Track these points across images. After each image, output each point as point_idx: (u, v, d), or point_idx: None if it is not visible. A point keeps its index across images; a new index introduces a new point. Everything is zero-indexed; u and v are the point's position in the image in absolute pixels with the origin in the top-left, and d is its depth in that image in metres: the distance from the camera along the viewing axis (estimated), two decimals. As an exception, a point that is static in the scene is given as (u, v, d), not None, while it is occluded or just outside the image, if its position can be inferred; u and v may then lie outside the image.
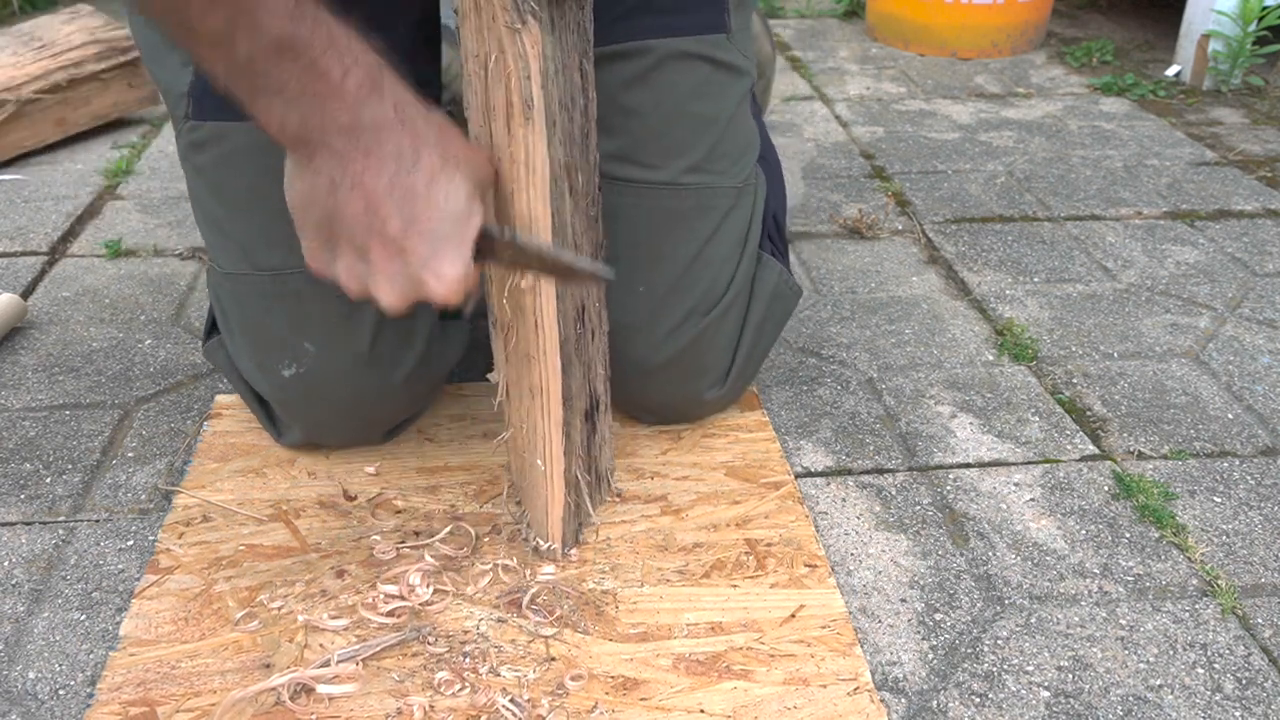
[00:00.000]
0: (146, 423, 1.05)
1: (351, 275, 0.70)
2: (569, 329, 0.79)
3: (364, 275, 0.69)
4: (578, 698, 0.74)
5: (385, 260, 0.68)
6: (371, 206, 0.66)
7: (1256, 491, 0.97)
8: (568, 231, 0.76)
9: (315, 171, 0.67)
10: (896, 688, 0.77)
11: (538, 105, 0.69)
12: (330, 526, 0.90)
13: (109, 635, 0.80)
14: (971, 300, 1.31)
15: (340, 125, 0.65)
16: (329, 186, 0.66)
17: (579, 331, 0.81)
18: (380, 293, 0.69)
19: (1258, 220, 1.52)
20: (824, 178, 1.66)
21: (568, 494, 0.84)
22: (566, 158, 0.74)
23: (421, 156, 0.66)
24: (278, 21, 0.61)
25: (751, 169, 0.98)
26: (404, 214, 0.66)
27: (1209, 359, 1.18)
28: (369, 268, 0.69)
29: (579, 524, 0.88)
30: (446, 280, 0.68)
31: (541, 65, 0.68)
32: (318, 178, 0.67)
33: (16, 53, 1.69)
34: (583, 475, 0.86)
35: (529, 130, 0.69)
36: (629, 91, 0.90)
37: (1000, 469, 1.00)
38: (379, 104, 0.65)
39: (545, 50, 0.68)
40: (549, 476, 0.83)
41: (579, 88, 0.75)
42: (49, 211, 1.50)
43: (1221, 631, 0.82)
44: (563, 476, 0.83)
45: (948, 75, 2.16)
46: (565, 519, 0.85)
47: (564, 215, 0.75)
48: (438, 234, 0.67)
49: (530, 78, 0.68)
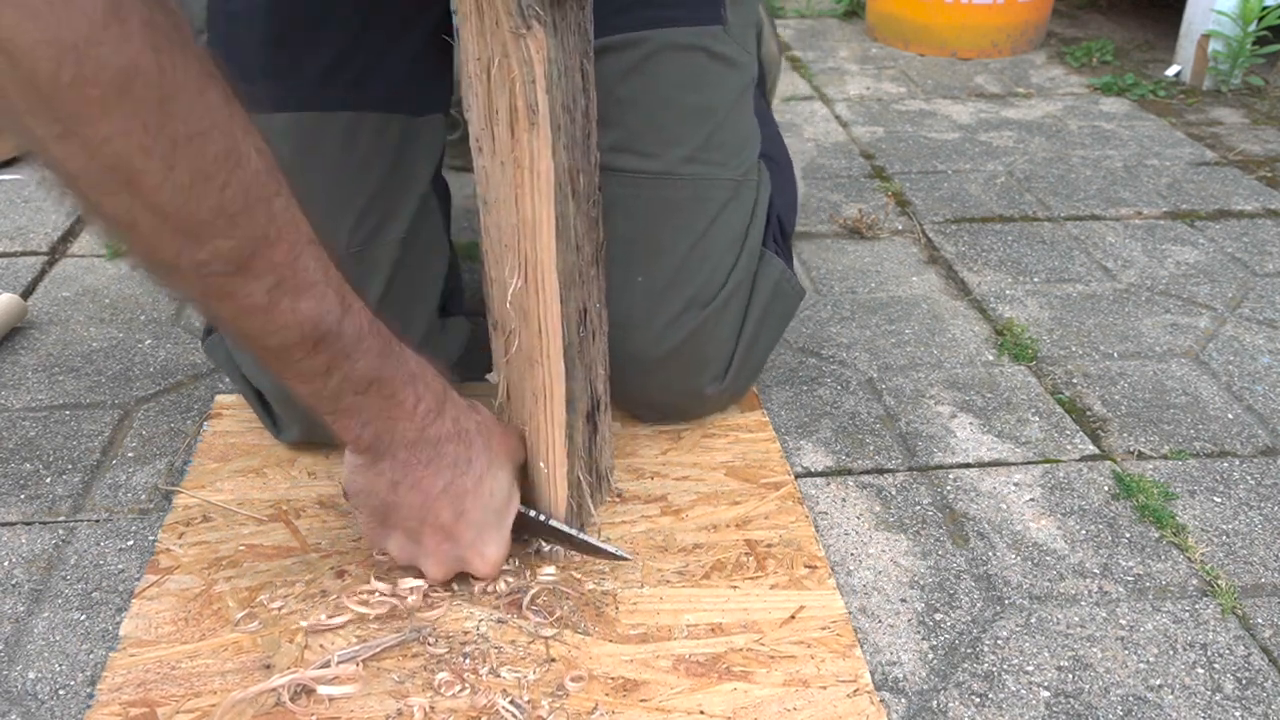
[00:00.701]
0: (146, 423, 1.05)
1: (402, 551, 0.80)
2: (572, 333, 0.79)
3: (414, 553, 0.79)
4: (578, 699, 0.74)
5: (435, 544, 0.78)
6: (427, 503, 0.76)
7: (1256, 491, 0.97)
8: (571, 235, 0.76)
9: (378, 473, 0.75)
10: (896, 688, 0.77)
11: (543, 110, 0.68)
12: (330, 526, 0.90)
13: (109, 635, 0.80)
14: (971, 300, 1.31)
15: (407, 440, 0.73)
16: (390, 485, 0.75)
17: (581, 335, 0.81)
18: (428, 568, 0.80)
19: (1258, 220, 1.52)
20: (824, 178, 1.66)
21: (570, 495, 0.84)
22: (570, 161, 0.74)
23: (473, 460, 0.76)
24: (372, 363, 0.69)
25: (752, 163, 0.98)
26: (455, 508, 0.76)
27: (1209, 359, 1.18)
28: (419, 548, 0.79)
29: (580, 524, 0.88)
30: (489, 560, 0.79)
31: (546, 69, 0.68)
32: (379, 478, 0.75)
33: (16, 53, 1.69)
34: (584, 476, 0.86)
35: (534, 135, 0.69)
36: (624, 82, 0.91)
37: (1000, 469, 1.00)
38: (441, 423, 0.75)
39: (549, 54, 0.68)
40: (552, 479, 0.83)
41: (580, 89, 0.75)
42: (49, 211, 1.50)
43: (1221, 631, 0.82)
44: (565, 478, 0.83)
45: (948, 75, 2.16)
46: (567, 520, 0.85)
47: (568, 219, 0.75)
48: (484, 523, 0.78)
49: (535, 82, 0.68)
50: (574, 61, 0.73)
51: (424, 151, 0.96)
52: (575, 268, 0.78)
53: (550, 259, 0.74)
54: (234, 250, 0.58)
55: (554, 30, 0.69)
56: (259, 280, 0.60)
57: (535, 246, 0.74)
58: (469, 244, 1.33)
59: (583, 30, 0.74)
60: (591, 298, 0.83)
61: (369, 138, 0.91)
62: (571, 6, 0.71)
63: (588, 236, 0.80)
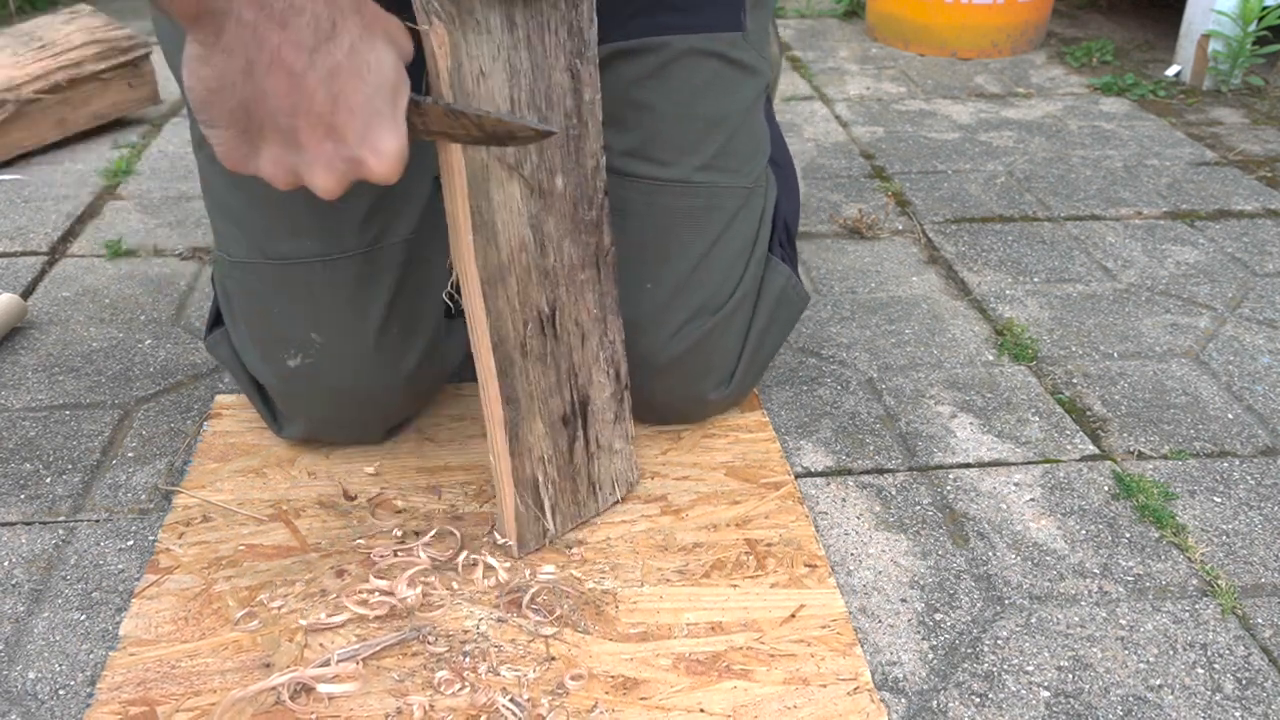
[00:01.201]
0: (146, 423, 1.05)
1: (280, 166, 0.65)
2: (509, 329, 0.78)
3: (294, 163, 0.65)
4: (578, 697, 0.74)
5: (316, 142, 0.63)
6: (294, 85, 0.61)
7: (1256, 491, 0.97)
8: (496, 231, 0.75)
9: (226, 51, 0.61)
10: (896, 688, 0.77)
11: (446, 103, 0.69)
12: (330, 526, 0.90)
13: (109, 635, 0.80)
14: (971, 300, 1.31)
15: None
16: (244, 68, 0.61)
17: (543, 334, 0.80)
18: (315, 178, 0.65)
19: (1258, 220, 1.52)
20: (824, 178, 1.66)
21: (519, 495, 0.84)
22: (514, 160, 0.74)
23: (338, 25, 0.61)
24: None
25: (762, 170, 0.98)
26: (329, 89, 0.61)
27: (1209, 359, 1.18)
28: (299, 153, 0.64)
29: (543, 529, 0.87)
30: (385, 155, 0.64)
31: (450, 65, 0.68)
32: (230, 58, 0.61)
33: (16, 53, 1.69)
34: (551, 480, 0.86)
35: None
36: (642, 87, 0.90)
37: (1000, 469, 1.00)
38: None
39: (473, 51, 0.69)
40: (498, 474, 0.83)
41: (566, 89, 0.75)
42: (49, 211, 1.50)
43: (1221, 631, 0.82)
44: (510, 475, 0.82)
45: (948, 75, 2.16)
46: (519, 519, 0.85)
47: (488, 215, 0.74)
48: (368, 108, 0.63)
49: (439, 76, 0.69)
50: (555, 60, 0.73)
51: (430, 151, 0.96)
52: (519, 265, 0.77)
53: (469, 253, 0.74)
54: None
55: (505, 28, 0.69)
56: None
57: (456, 240, 0.75)
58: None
59: (572, 29, 0.73)
60: (581, 300, 0.82)
61: None
62: (553, 5, 0.71)
63: (574, 239, 0.80)
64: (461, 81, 0.69)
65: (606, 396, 0.88)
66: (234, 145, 0.65)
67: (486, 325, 0.77)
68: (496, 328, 0.78)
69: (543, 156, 0.75)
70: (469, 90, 0.70)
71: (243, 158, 0.65)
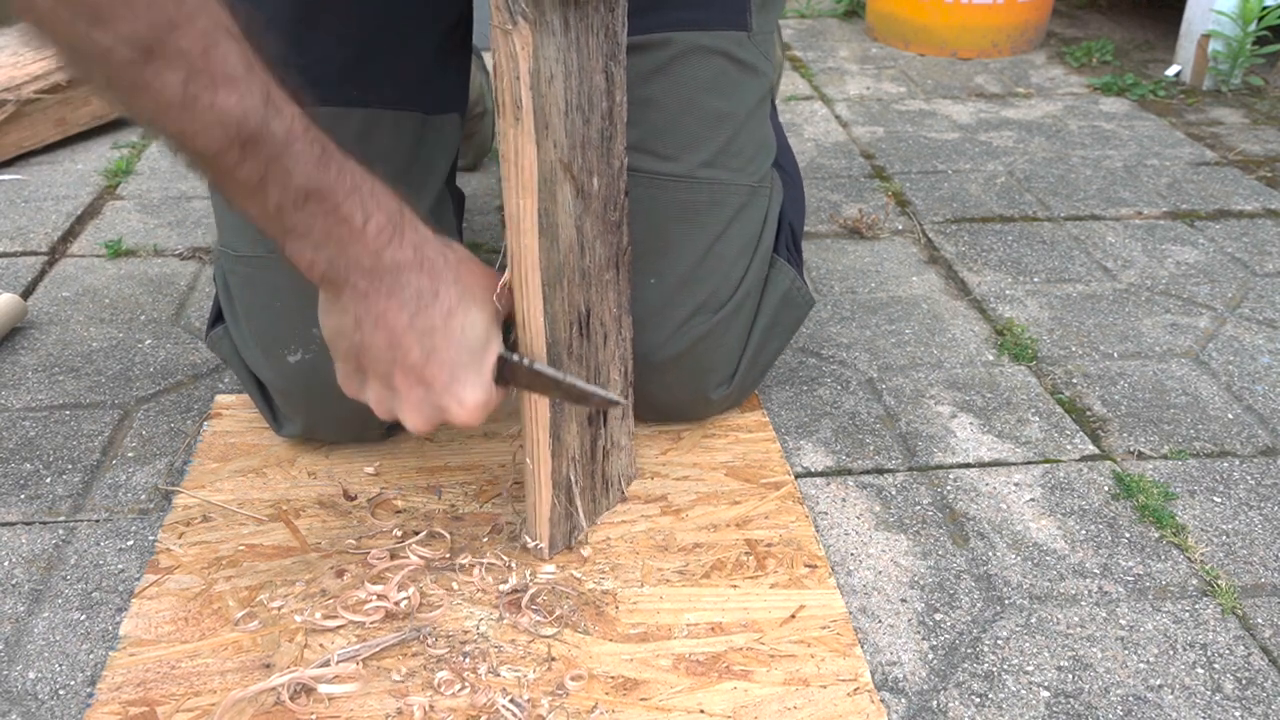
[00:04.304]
0: (146, 423, 1.05)
1: (379, 401, 0.75)
2: (560, 332, 0.79)
3: (391, 401, 0.74)
4: (578, 698, 0.74)
5: (408, 388, 0.73)
6: (393, 341, 0.71)
7: (1256, 491, 0.97)
8: (559, 232, 0.76)
9: (342, 309, 0.71)
10: (896, 688, 0.77)
11: (526, 107, 0.69)
12: (330, 526, 0.90)
13: (109, 635, 0.80)
14: (971, 300, 1.31)
15: (363, 268, 0.69)
16: (355, 323, 0.71)
17: (580, 336, 0.81)
18: (406, 417, 0.74)
19: (1258, 220, 1.52)
20: (824, 178, 1.66)
21: (555, 496, 0.84)
22: (568, 160, 0.74)
23: (440, 294, 0.71)
24: (308, 171, 0.65)
25: (767, 171, 0.98)
26: (424, 346, 0.71)
27: (1209, 359, 1.18)
28: (395, 395, 0.74)
29: (571, 528, 0.88)
30: (468, 405, 0.73)
31: (532, 67, 0.68)
32: (345, 315, 0.72)
33: (16, 53, 1.69)
34: (579, 480, 0.86)
35: (518, 131, 0.70)
36: (647, 83, 0.91)
37: (1000, 469, 1.00)
38: (399, 247, 0.70)
39: (544, 52, 0.68)
40: (537, 476, 0.83)
41: (602, 91, 0.75)
42: (49, 211, 1.50)
43: (1221, 631, 0.82)
44: (549, 478, 0.83)
45: (948, 75, 2.16)
46: (553, 520, 0.85)
47: (553, 217, 0.75)
48: (457, 363, 0.72)
49: (520, 78, 0.68)
50: (595, 63, 0.73)
51: (440, 150, 0.97)
52: (569, 267, 0.78)
53: (533, 255, 0.74)
54: (137, 35, 0.56)
55: (563, 29, 0.69)
56: (171, 71, 0.58)
57: (518, 242, 0.74)
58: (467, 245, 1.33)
59: (610, 32, 0.74)
60: (605, 300, 0.83)
61: (385, 135, 0.91)
62: (595, 8, 0.71)
63: (602, 238, 0.80)
64: (538, 85, 0.69)
65: (617, 394, 0.88)
66: (349, 376, 0.76)
67: (544, 328, 0.77)
68: (552, 330, 0.78)
69: (585, 158, 0.75)
70: (542, 93, 0.70)
71: (355, 387, 0.76)
